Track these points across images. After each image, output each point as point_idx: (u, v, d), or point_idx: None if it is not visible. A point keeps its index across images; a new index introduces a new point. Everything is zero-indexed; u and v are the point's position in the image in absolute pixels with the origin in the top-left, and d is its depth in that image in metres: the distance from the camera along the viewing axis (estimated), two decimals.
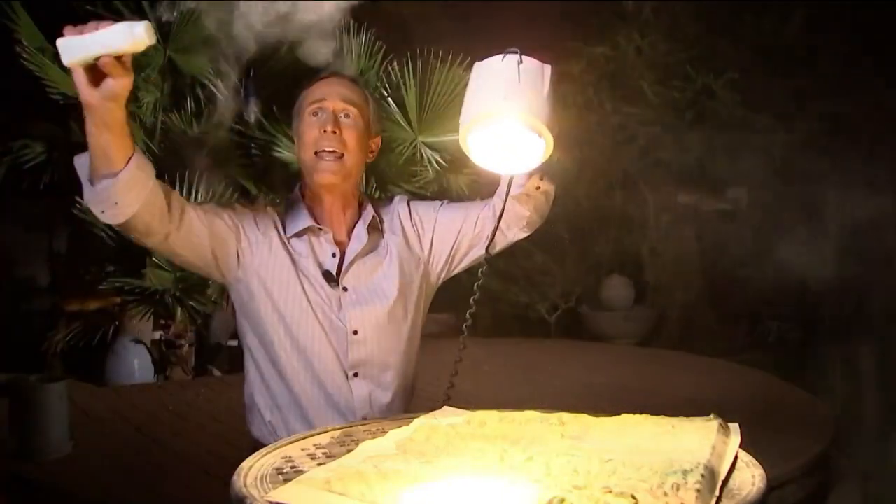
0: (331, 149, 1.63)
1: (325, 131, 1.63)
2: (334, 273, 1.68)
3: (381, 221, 1.76)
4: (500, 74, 1.39)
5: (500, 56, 1.40)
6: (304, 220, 1.69)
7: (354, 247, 1.71)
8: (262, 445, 1.62)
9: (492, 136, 1.41)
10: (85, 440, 3.09)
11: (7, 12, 3.76)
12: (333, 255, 1.70)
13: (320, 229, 1.69)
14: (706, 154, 6.71)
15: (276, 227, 1.68)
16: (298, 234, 1.68)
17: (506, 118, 1.38)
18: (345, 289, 1.69)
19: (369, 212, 1.74)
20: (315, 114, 1.66)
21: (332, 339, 1.66)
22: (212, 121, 4.13)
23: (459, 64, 4.20)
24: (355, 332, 1.67)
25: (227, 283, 1.71)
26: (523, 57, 1.39)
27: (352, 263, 1.70)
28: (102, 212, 1.41)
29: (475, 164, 1.47)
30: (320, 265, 1.68)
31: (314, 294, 1.66)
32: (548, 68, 1.42)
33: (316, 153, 1.64)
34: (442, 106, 4.26)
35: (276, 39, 4.44)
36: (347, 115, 1.66)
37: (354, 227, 1.73)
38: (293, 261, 1.67)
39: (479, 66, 1.44)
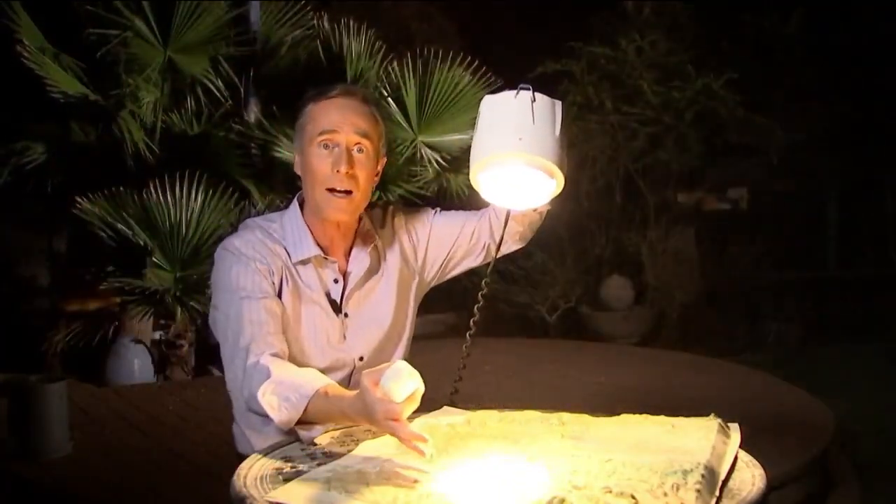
0: (343, 188, 1.59)
1: (338, 171, 1.58)
2: (338, 300, 1.66)
3: (377, 239, 1.72)
4: (514, 113, 1.38)
5: (513, 92, 1.39)
6: (309, 248, 1.64)
7: (356, 272, 1.68)
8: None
9: (503, 174, 1.41)
10: (85, 440, 3.09)
11: (7, 12, 3.75)
12: (336, 282, 1.67)
13: (326, 258, 1.65)
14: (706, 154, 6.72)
15: (283, 258, 1.63)
16: (304, 262, 1.64)
17: (520, 160, 1.38)
18: (346, 314, 1.67)
19: (368, 232, 1.71)
20: (326, 146, 1.59)
21: (338, 367, 1.64)
22: (212, 121, 4.13)
23: (459, 64, 4.20)
24: (361, 359, 1.66)
25: None
26: (536, 94, 1.38)
27: (354, 289, 1.68)
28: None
29: (484, 199, 1.47)
30: (328, 294, 1.65)
31: (321, 323, 1.63)
32: (559, 105, 1.41)
33: (326, 190, 1.60)
34: (442, 106, 4.26)
35: (277, 39, 4.47)
36: (361, 150, 1.60)
37: (352, 247, 1.69)
38: (300, 292, 1.63)
39: (490, 101, 1.42)
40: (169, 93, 4.10)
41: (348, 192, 1.60)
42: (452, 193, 4.37)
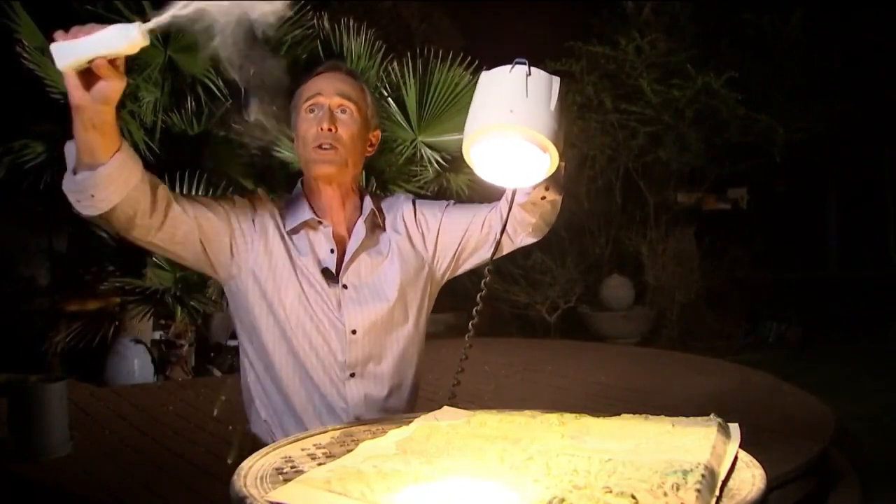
0: (327, 145, 1.63)
1: (321, 129, 1.62)
2: (333, 270, 1.65)
3: (383, 218, 1.73)
4: (507, 86, 1.35)
5: (508, 67, 1.36)
6: (303, 214, 1.66)
7: (354, 242, 1.68)
8: (261, 442, 1.60)
9: (496, 149, 1.38)
10: (85, 440, 3.09)
11: (7, 12, 3.76)
12: (332, 251, 1.66)
13: (319, 222, 1.66)
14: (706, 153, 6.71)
15: (276, 222, 1.66)
16: (297, 230, 1.66)
17: (510, 133, 1.35)
18: (345, 286, 1.65)
19: (370, 207, 1.72)
20: (311, 110, 1.65)
21: (329, 339, 1.63)
22: (212, 121, 4.14)
23: (459, 64, 4.20)
24: (353, 332, 1.64)
25: (221, 281, 1.68)
26: (532, 69, 1.35)
27: (352, 260, 1.67)
28: (78, 201, 1.45)
29: (478, 175, 1.44)
30: (319, 262, 1.65)
31: (312, 293, 1.63)
32: (556, 80, 1.38)
33: (312, 148, 1.64)
34: (442, 106, 4.26)
35: (277, 39, 4.45)
36: (344, 111, 1.65)
37: (356, 222, 1.70)
38: (291, 258, 1.64)
39: (486, 76, 1.40)
40: (169, 93, 4.11)
41: (333, 148, 1.64)
42: (452, 193, 4.37)
